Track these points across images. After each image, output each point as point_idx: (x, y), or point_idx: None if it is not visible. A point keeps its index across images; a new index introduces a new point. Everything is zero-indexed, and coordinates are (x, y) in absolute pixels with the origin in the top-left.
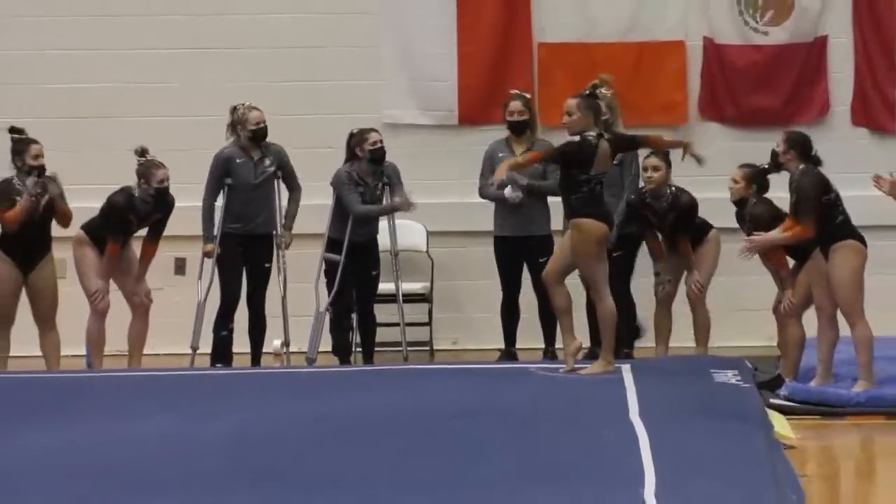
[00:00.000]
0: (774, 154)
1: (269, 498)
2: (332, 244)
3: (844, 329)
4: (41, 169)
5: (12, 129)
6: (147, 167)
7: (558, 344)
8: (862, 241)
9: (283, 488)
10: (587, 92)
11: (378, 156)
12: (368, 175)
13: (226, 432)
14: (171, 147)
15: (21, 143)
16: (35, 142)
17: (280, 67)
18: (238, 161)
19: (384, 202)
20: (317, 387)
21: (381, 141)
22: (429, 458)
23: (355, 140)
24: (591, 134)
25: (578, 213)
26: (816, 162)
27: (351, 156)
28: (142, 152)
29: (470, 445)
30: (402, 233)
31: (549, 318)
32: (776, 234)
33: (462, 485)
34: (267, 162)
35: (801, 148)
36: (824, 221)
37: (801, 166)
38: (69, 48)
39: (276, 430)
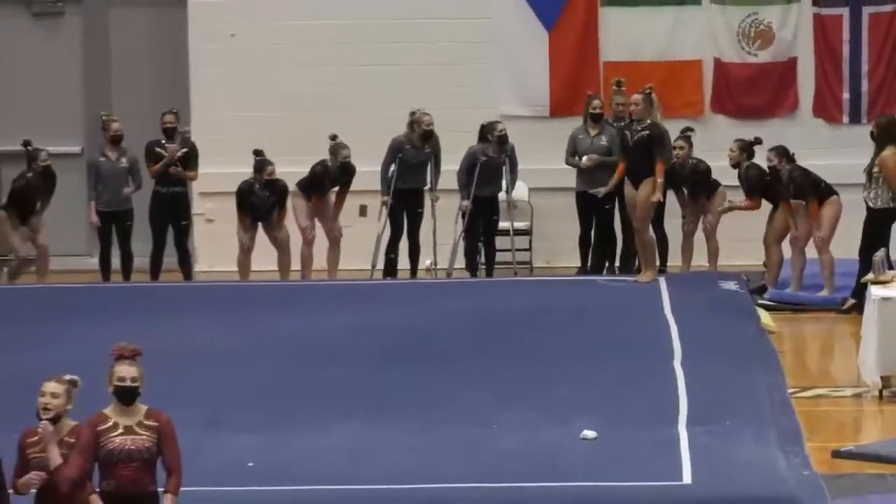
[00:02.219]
0: (762, 177)
1: (410, 370)
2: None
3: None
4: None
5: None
6: (336, 147)
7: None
8: (837, 195)
9: (420, 363)
10: (647, 91)
11: (503, 140)
12: (495, 152)
13: (391, 322)
14: (356, 130)
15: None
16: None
17: (432, 78)
18: (406, 147)
19: (504, 172)
20: (454, 292)
21: (504, 129)
22: (519, 337)
23: (487, 128)
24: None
25: (647, 175)
26: (794, 160)
27: (482, 139)
28: (333, 137)
29: (546, 328)
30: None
31: (609, 246)
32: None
33: (537, 358)
34: (427, 149)
35: (786, 155)
36: (816, 185)
37: (788, 166)
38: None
39: (426, 321)
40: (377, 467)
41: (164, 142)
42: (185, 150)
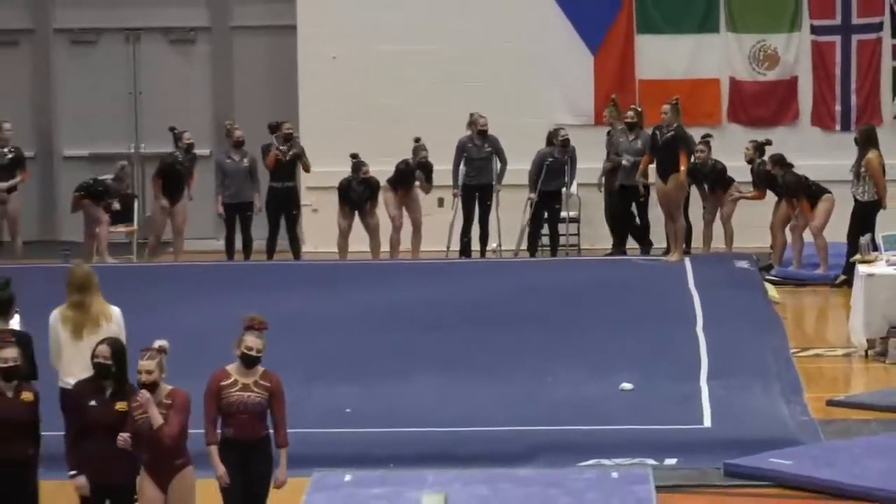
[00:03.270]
0: (770, 173)
1: (479, 332)
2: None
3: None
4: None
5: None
6: (417, 149)
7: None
8: (830, 193)
9: (487, 327)
10: (674, 101)
11: (565, 143)
12: (560, 154)
13: (464, 294)
14: (434, 137)
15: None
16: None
17: (495, 92)
18: (469, 145)
19: (566, 170)
20: (517, 269)
21: (566, 134)
22: (569, 306)
23: (552, 134)
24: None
25: (673, 172)
26: (790, 166)
27: (549, 143)
28: (417, 139)
29: (591, 299)
30: None
31: (644, 229)
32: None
33: (584, 323)
34: (487, 147)
35: (781, 162)
36: (806, 188)
37: (782, 172)
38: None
39: (492, 293)
40: (451, 412)
41: (277, 146)
42: (295, 151)
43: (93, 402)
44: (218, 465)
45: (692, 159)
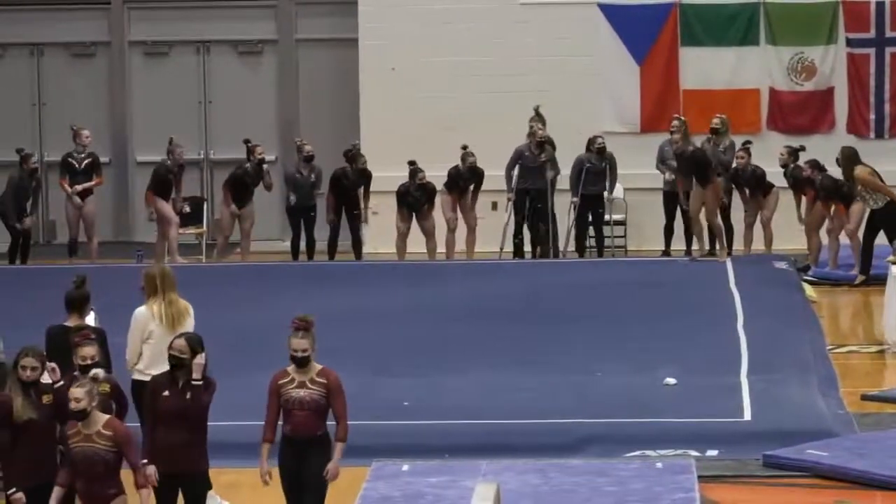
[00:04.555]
0: (807, 177)
1: (531, 327)
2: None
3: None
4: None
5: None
6: (465, 155)
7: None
8: None
9: (538, 322)
10: (682, 119)
11: (601, 150)
12: (597, 160)
13: (516, 291)
14: (489, 144)
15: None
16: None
17: (547, 102)
18: (525, 154)
19: (607, 175)
20: (565, 268)
21: (603, 142)
22: (616, 303)
23: (590, 142)
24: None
25: (713, 180)
26: (824, 170)
27: (588, 149)
28: (464, 147)
29: (637, 297)
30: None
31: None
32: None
33: (630, 320)
34: (543, 156)
35: (818, 167)
36: (845, 191)
37: (819, 176)
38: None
39: (543, 290)
40: (504, 405)
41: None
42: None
43: (166, 393)
44: (262, 463)
45: (734, 164)
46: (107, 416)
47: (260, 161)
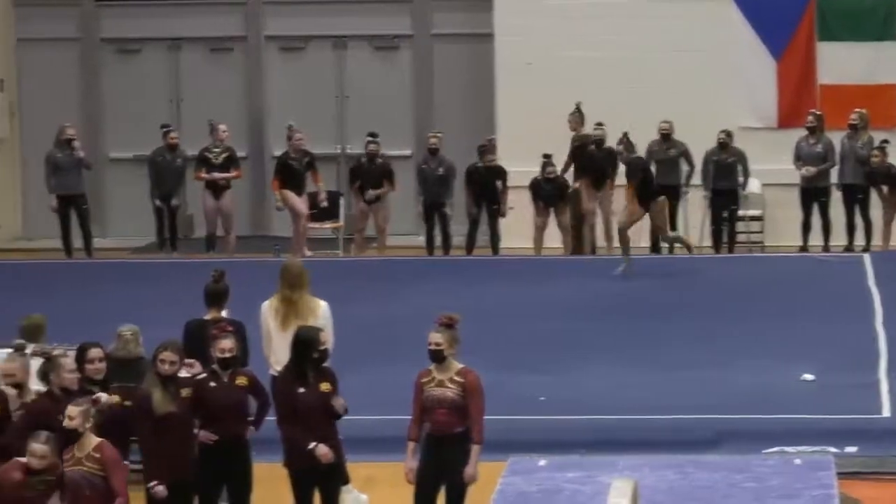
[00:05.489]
0: None
1: (663, 324)
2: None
3: None
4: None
5: None
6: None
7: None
8: None
9: (671, 319)
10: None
11: (724, 144)
12: (722, 155)
13: (651, 287)
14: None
15: None
16: None
17: (683, 98)
18: (655, 149)
19: (738, 171)
20: (701, 265)
21: (724, 137)
22: (751, 299)
23: (719, 136)
24: None
25: None
26: None
27: (719, 145)
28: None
29: (774, 293)
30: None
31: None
32: None
33: (766, 315)
34: (672, 150)
35: None
36: None
37: None
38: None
39: (677, 287)
40: (639, 400)
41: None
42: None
43: (301, 389)
44: (407, 460)
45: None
46: (98, 440)
47: (371, 156)
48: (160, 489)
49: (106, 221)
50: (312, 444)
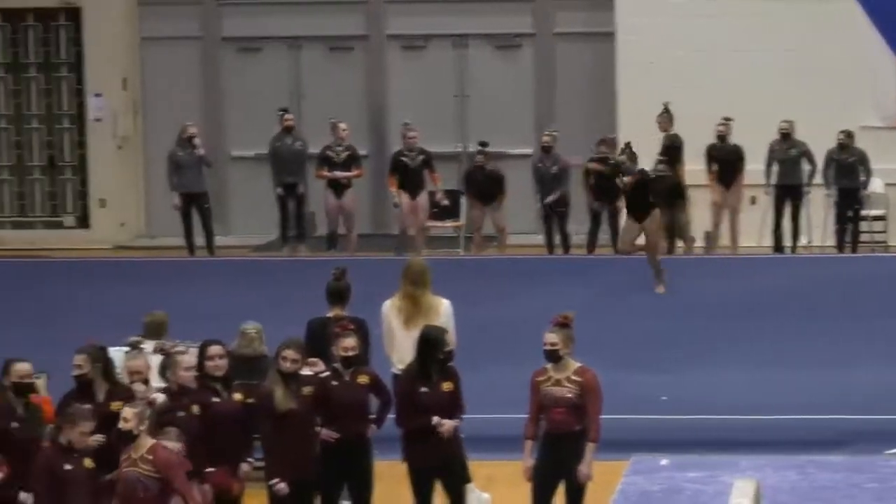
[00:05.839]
0: None
1: (794, 321)
2: None
3: None
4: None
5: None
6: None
7: None
8: None
9: (791, 317)
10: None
11: (843, 145)
12: (842, 154)
13: (775, 286)
14: (745, 137)
15: None
16: None
17: (804, 97)
18: (775, 148)
19: (859, 170)
20: (824, 264)
21: (845, 137)
22: (873, 299)
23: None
24: None
25: None
26: None
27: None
28: (726, 118)
29: (890, 291)
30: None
31: None
32: None
33: (878, 314)
34: (792, 150)
35: None
36: None
37: None
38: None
39: (801, 286)
40: (761, 400)
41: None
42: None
43: (424, 389)
44: (525, 459)
45: None
46: (153, 442)
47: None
48: (282, 486)
49: (228, 219)
50: (436, 420)
